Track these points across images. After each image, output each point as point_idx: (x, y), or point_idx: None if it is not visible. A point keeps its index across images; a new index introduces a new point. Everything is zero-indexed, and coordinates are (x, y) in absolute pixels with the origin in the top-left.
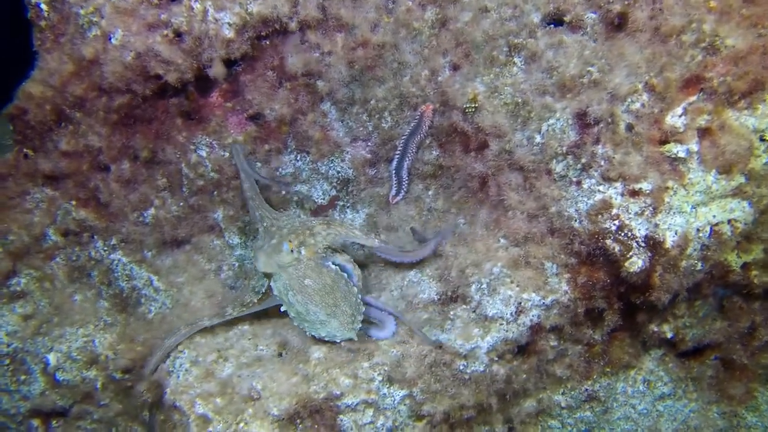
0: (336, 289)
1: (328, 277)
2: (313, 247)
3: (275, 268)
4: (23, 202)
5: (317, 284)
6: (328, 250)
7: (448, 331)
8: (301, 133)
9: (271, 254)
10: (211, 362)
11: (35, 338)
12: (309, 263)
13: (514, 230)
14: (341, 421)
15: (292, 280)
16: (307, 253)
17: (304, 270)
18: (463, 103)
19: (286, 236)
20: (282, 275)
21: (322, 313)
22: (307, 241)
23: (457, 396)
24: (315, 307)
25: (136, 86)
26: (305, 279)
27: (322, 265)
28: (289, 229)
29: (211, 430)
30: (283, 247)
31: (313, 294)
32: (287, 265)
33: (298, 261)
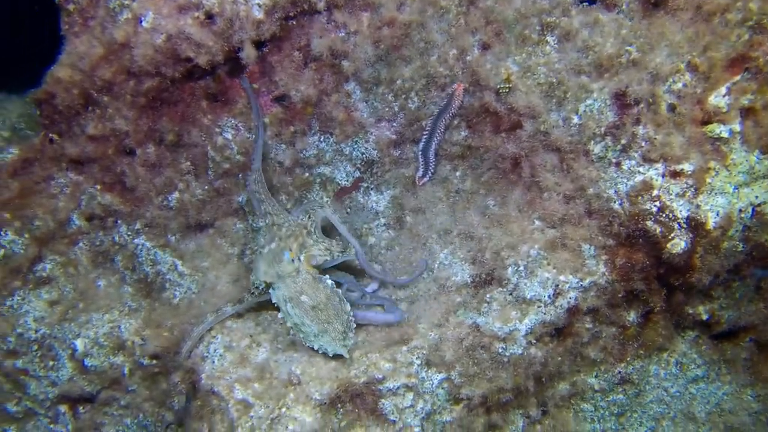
0: (329, 306)
1: (323, 294)
2: (312, 250)
3: (275, 278)
4: (48, 187)
5: (312, 301)
6: (327, 251)
7: (485, 314)
8: (324, 114)
9: (272, 263)
10: (245, 347)
11: (62, 324)
12: (306, 277)
13: (551, 212)
14: (383, 405)
15: (290, 292)
16: (306, 265)
17: (301, 285)
18: (497, 83)
19: (285, 239)
20: (281, 286)
21: (315, 329)
22: (306, 242)
23: (495, 379)
24: (309, 321)
25: (165, 69)
26: (302, 295)
27: (319, 281)
28: (287, 229)
29: (253, 415)
30: (284, 257)
31: (308, 309)
32: (286, 276)
33: (297, 273)
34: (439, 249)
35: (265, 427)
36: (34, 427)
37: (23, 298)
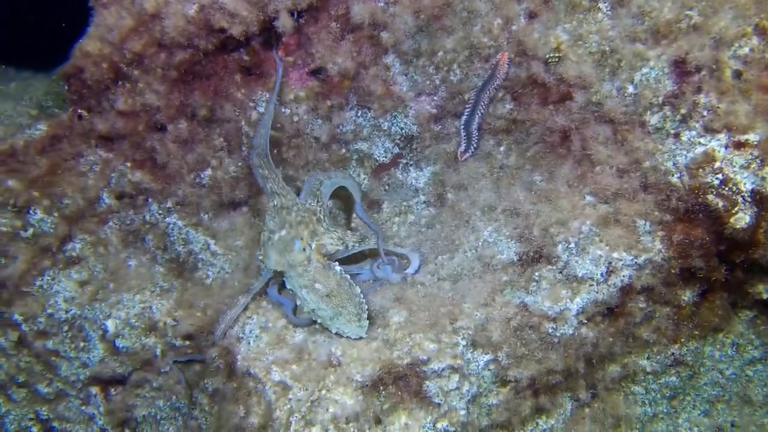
0: (341, 291)
1: (333, 281)
2: (323, 238)
3: (286, 267)
4: (77, 165)
5: (325, 288)
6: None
7: (533, 293)
8: (362, 87)
9: (283, 252)
10: (281, 328)
11: (93, 304)
12: (317, 266)
13: (603, 186)
14: (427, 387)
15: (304, 281)
16: (316, 254)
17: (313, 274)
18: (546, 52)
19: (296, 226)
20: (293, 275)
21: (330, 313)
22: (317, 229)
23: (544, 360)
24: (324, 306)
25: (198, 41)
26: (315, 283)
27: (329, 268)
28: (296, 215)
29: (292, 397)
30: (295, 246)
31: (323, 296)
32: (298, 265)
33: (308, 261)
34: (483, 226)
35: (305, 409)
36: (66, 409)
37: (53, 278)
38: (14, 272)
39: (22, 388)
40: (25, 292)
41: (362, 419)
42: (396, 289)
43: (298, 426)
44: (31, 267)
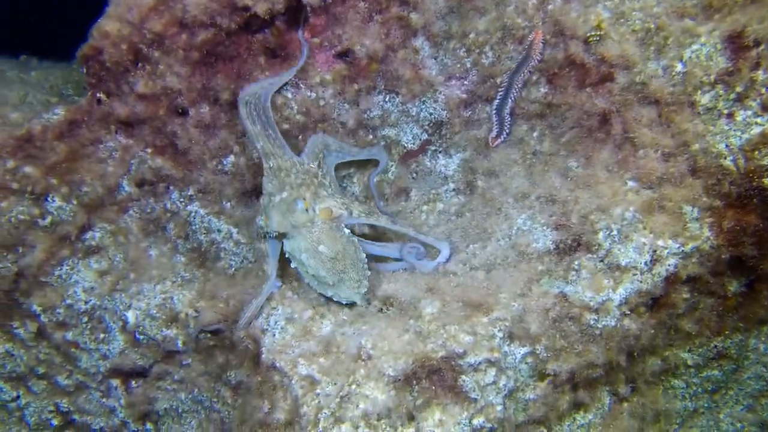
0: (346, 256)
1: (339, 243)
2: (326, 201)
3: (289, 229)
4: (97, 151)
5: (330, 251)
6: (345, 206)
7: (573, 283)
8: (390, 71)
9: (285, 213)
10: (307, 319)
11: (113, 295)
12: (323, 227)
13: (647, 171)
14: (463, 382)
15: (306, 242)
16: (323, 216)
17: (318, 235)
18: (586, 31)
19: (297, 188)
20: (297, 237)
21: (331, 279)
22: (319, 192)
23: (584, 353)
24: (325, 272)
25: (220, 19)
26: (319, 245)
27: (336, 230)
28: (295, 177)
29: (320, 392)
30: (297, 206)
31: (325, 261)
32: (301, 226)
33: (312, 223)
34: (516, 214)
35: (334, 405)
36: (86, 401)
37: (72, 267)
38: (32, 261)
39: (41, 380)
40: (44, 282)
41: (394, 415)
42: (427, 278)
43: (327, 423)
44: (49, 256)
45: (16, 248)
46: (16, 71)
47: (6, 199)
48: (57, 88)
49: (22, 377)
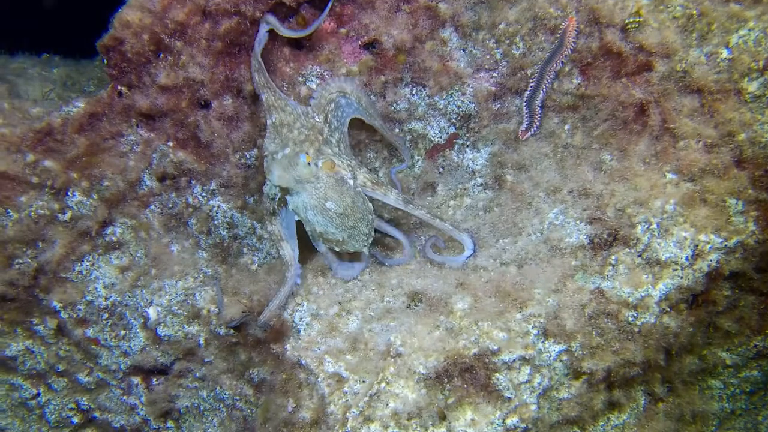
0: (355, 210)
1: (348, 197)
2: (332, 158)
3: (292, 183)
4: (117, 145)
5: (339, 207)
6: (350, 168)
7: (610, 278)
8: (417, 63)
9: (287, 167)
10: (333, 315)
11: (134, 291)
12: (329, 181)
13: (689, 162)
14: (497, 380)
15: (312, 199)
16: (325, 169)
17: (324, 190)
18: (624, 18)
19: (300, 144)
20: (301, 193)
21: (341, 235)
22: (323, 150)
23: (622, 351)
24: (335, 229)
25: (244, 7)
26: (326, 201)
27: (342, 182)
28: (298, 132)
29: (347, 390)
30: (300, 159)
31: (334, 217)
32: (305, 181)
33: (317, 178)
34: (547, 208)
35: (363, 404)
36: (107, 399)
37: (92, 263)
38: (52, 257)
39: (62, 377)
40: (64, 278)
41: (425, 415)
42: (457, 273)
43: (356, 422)
44: (69, 252)
45: (35, 243)
46: (38, 68)
47: (26, 194)
48: (79, 84)
49: (42, 374)
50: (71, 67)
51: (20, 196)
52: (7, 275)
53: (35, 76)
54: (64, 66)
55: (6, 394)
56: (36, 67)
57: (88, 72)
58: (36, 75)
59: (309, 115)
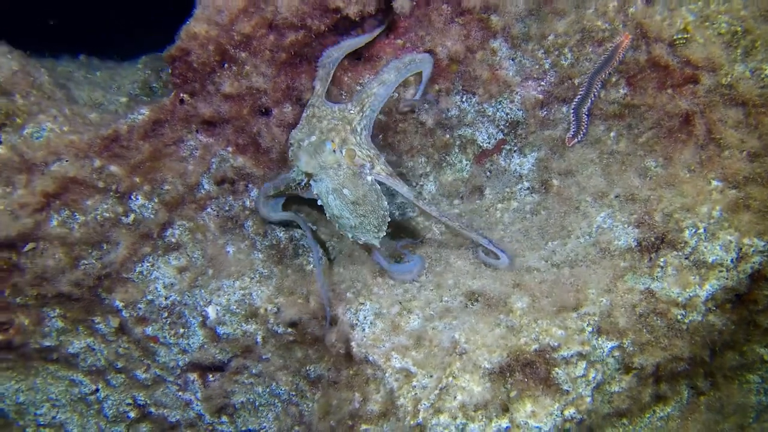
0: (366, 202)
1: (362, 190)
2: (353, 148)
3: (317, 169)
4: (178, 150)
5: (353, 195)
6: (369, 158)
7: (659, 279)
8: (468, 72)
9: (314, 154)
10: (395, 314)
11: (192, 291)
12: (348, 171)
13: (733, 171)
14: (556, 374)
15: (333, 184)
16: (347, 159)
17: (343, 178)
18: (672, 34)
19: (327, 132)
20: (324, 178)
21: (353, 222)
22: (348, 139)
23: (670, 348)
24: (348, 214)
25: (311, 21)
26: (344, 188)
27: (359, 176)
28: (327, 123)
29: (416, 384)
30: (326, 146)
31: (347, 203)
32: (329, 167)
33: (339, 166)
34: (595, 212)
35: (434, 397)
36: (163, 394)
37: (153, 264)
38: (116, 258)
39: (120, 374)
40: (126, 278)
41: (490, 407)
42: (512, 275)
43: (427, 414)
44: (132, 253)
45: (100, 245)
46: (83, 72)
47: (92, 198)
48: (124, 87)
49: (101, 371)
50: (112, 70)
51: (87, 199)
52: (74, 275)
53: (81, 79)
54: (106, 69)
55: (66, 390)
56: (81, 70)
57: (129, 75)
58: (82, 78)
59: (345, 110)
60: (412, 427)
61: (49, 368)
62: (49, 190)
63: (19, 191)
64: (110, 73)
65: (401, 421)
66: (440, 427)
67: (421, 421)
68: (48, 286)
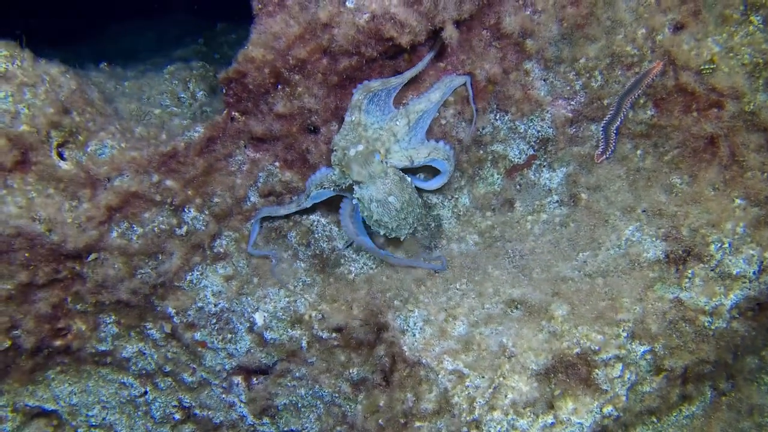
0: (410, 204)
1: (407, 194)
2: (394, 156)
3: (366, 179)
4: (228, 165)
5: (399, 202)
6: (408, 158)
7: (688, 289)
8: (503, 92)
9: (364, 164)
10: (442, 321)
11: (240, 298)
12: (394, 178)
13: (756, 191)
14: (597, 375)
15: (378, 194)
16: (392, 168)
17: (390, 186)
18: (699, 64)
19: (373, 142)
20: (370, 186)
21: (392, 224)
22: (392, 148)
23: (698, 352)
24: (389, 219)
25: (364, 49)
26: (390, 196)
27: (403, 180)
28: (372, 132)
29: (469, 384)
30: (374, 158)
31: (392, 210)
32: (377, 176)
33: (385, 174)
34: (623, 225)
35: (488, 395)
36: (208, 396)
37: (202, 273)
38: (170, 268)
39: (168, 377)
40: (177, 286)
41: (537, 404)
42: (550, 283)
43: (482, 410)
44: (184, 263)
45: (156, 255)
46: (113, 82)
47: (149, 210)
48: (154, 99)
49: (150, 374)
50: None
51: (145, 212)
52: (132, 284)
53: (113, 90)
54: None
55: (116, 392)
56: (111, 81)
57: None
58: (113, 90)
59: (392, 119)
60: (468, 423)
61: (101, 371)
62: (112, 204)
63: (85, 205)
64: (138, 84)
65: (456, 417)
66: (494, 423)
67: (477, 417)
68: (107, 294)
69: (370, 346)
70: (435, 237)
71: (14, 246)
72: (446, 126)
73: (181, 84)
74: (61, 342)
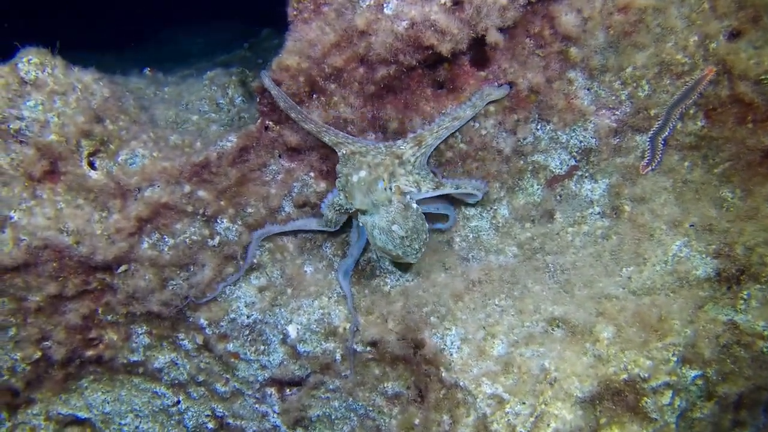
0: (414, 231)
1: (411, 221)
2: (400, 180)
3: (370, 207)
4: (262, 175)
5: (402, 230)
6: (415, 184)
7: (743, 312)
8: (545, 101)
9: (367, 192)
10: (480, 339)
11: (273, 310)
12: (398, 206)
13: None
14: (645, 403)
15: (382, 222)
16: (397, 195)
17: (393, 215)
18: (759, 73)
19: (375, 167)
20: (374, 214)
21: (395, 252)
22: (396, 171)
23: (755, 378)
24: (392, 247)
25: (403, 57)
26: (393, 225)
27: (408, 207)
28: (372, 157)
29: (509, 411)
30: (378, 186)
31: (395, 238)
32: (380, 204)
33: (389, 202)
34: (670, 240)
35: (530, 424)
36: (241, 407)
37: (235, 283)
38: (203, 279)
39: (201, 387)
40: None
41: None
42: (593, 302)
43: None
44: (216, 274)
45: (188, 267)
46: (153, 88)
47: (181, 221)
48: (193, 105)
49: (183, 384)
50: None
51: (176, 223)
52: (163, 296)
53: (153, 96)
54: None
55: (149, 401)
56: (151, 87)
57: (196, 91)
58: (153, 96)
59: (393, 146)
60: None
61: (134, 381)
62: (143, 215)
63: (115, 216)
64: (177, 90)
65: None
66: None
67: None
68: (138, 305)
69: (406, 362)
70: (472, 248)
71: (42, 258)
72: (486, 136)
73: (220, 90)
74: (93, 352)
